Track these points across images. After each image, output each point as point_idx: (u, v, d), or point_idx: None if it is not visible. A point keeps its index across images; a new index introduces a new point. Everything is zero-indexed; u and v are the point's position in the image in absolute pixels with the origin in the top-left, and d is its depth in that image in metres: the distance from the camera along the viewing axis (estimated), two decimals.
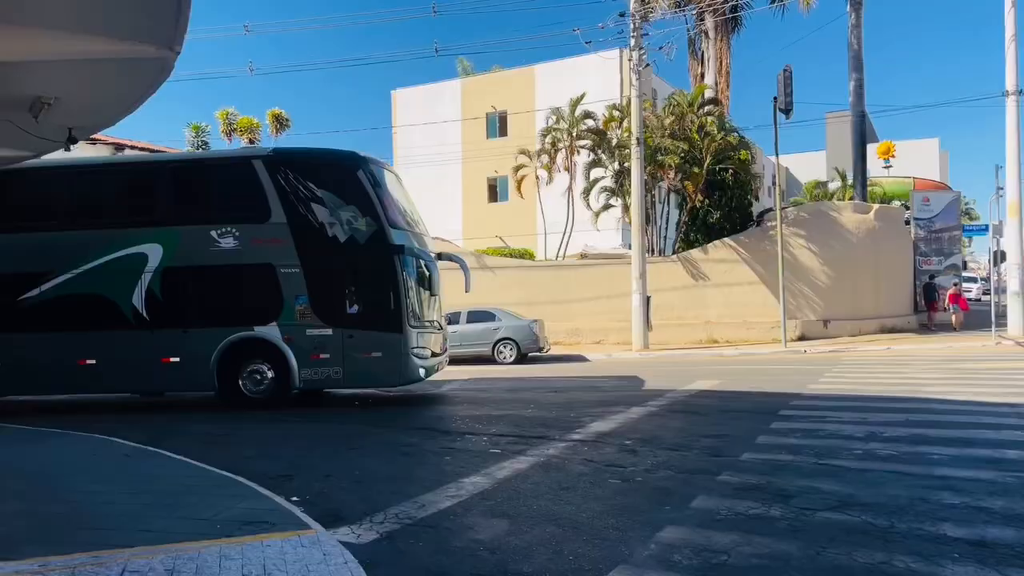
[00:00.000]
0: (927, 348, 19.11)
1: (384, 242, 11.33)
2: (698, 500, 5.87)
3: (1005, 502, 5.54)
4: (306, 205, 11.55)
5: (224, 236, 11.60)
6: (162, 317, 11.72)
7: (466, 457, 7.85)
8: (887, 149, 33.38)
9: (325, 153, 12.71)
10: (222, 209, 11.87)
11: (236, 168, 12.19)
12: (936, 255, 25.91)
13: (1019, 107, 20.91)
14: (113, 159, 16.57)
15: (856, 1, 25.89)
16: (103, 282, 11.79)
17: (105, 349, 11.70)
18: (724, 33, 28.01)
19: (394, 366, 11.34)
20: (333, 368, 11.39)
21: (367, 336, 11.32)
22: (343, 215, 11.45)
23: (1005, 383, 12.18)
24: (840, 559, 4.51)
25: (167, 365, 11.64)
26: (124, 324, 11.72)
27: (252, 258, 11.54)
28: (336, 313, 11.40)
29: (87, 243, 11.89)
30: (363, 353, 11.30)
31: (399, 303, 11.27)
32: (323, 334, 11.38)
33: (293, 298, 11.47)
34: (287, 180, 11.59)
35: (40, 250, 12.00)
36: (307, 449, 8.70)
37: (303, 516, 5.51)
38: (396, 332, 11.27)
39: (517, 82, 35.39)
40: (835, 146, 45.76)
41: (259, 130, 34.37)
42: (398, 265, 11.27)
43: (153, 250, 11.73)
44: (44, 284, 11.91)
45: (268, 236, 11.54)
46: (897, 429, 8.45)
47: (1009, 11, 20.75)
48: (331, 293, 11.47)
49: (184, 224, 11.83)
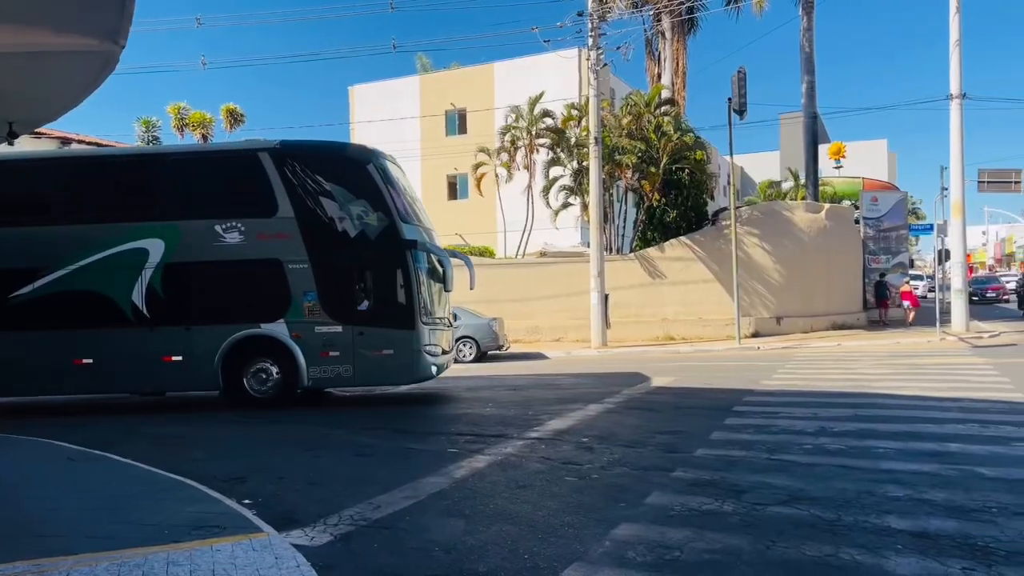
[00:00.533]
0: (876, 344, 19.63)
1: (396, 237, 11.11)
2: (653, 496, 5.93)
3: (947, 494, 5.72)
4: (314, 199, 11.26)
5: (229, 231, 11.27)
6: (163, 314, 11.34)
7: (424, 457, 7.81)
8: (838, 150, 34.12)
9: (334, 146, 12.47)
10: (226, 203, 11.51)
11: (241, 161, 11.79)
12: (884, 253, 26.64)
13: (962, 110, 21.60)
14: (113, 151, 15.84)
15: (808, 5, 26.45)
16: (101, 278, 11.38)
17: (103, 348, 11.29)
18: (680, 34, 28.35)
19: (406, 363, 11.12)
20: (343, 366, 11.12)
21: (378, 333, 11.09)
22: (353, 209, 11.19)
23: (948, 378, 12.58)
24: (789, 553, 4.60)
25: (169, 364, 11.28)
26: (123, 322, 11.33)
27: (258, 253, 11.23)
28: (346, 310, 11.16)
29: (84, 238, 11.44)
30: (374, 350, 11.07)
31: (411, 299, 11.06)
32: (333, 331, 11.11)
33: (301, 294, 11.19)
34: (294, 173, 11.30)
35: (33, 245, 11.50)
36: (262, 451, 8.55)
37: (255, 519, 5.41)
38: (408, 329, 11.04)
39: (476, 80, 35.33)
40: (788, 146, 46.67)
41: (212, 125, 33.70)
42: (410, 260, 11.06)
43: (154, 245, 11.36)
44: (37, 281, 11.44)
45: (275, 231, 11.24)
46: (846, 424, 8.67)
47: (954, 17, 21.40)
48: (341, 289, 11.26)
49: (187, 218, 11.44)
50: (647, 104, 24.61)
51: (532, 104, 26.63)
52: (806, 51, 26.63)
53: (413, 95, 37.04)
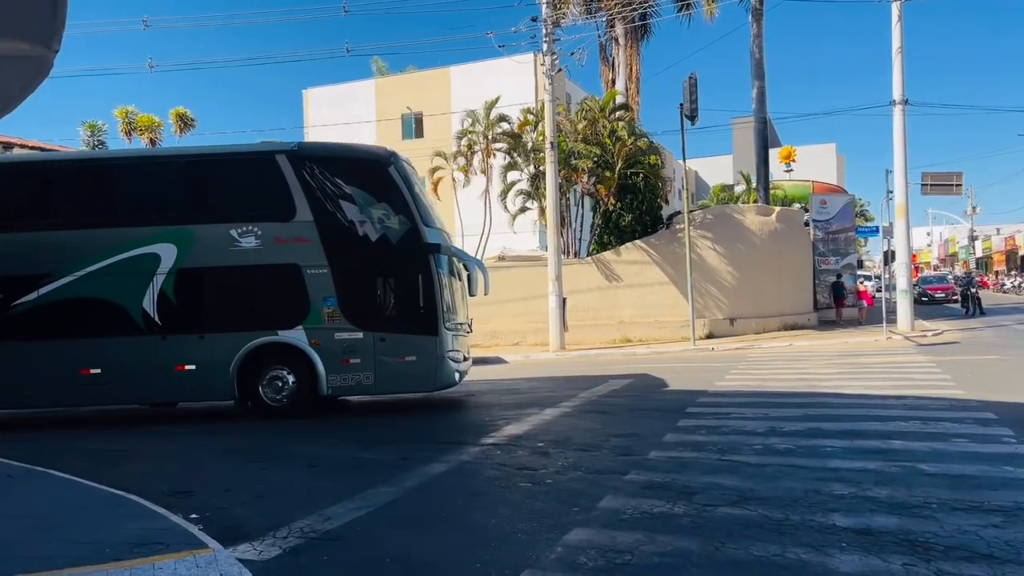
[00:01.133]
0: (825, 344, 20.08)
1: (418, 241, 10.87)
2: (606, 500, 5.96)
3: (890, 491, 5.86)
4: (334, 202, 10.94)
5: (245, 235, 10.89)
6: (176, 322, 10.93)
7: (376, 466, 7.72)
8: (788, 154, 34.92)
9: (354, 148, 12.18)
10: (242, 206, 11.15)
11: (258, 163, 11.43)
12: (833, 255, 27.29)
13: (905, 116, 22.27)
14: (123, 153, 15.17)
15: (757, 12, 26.97)
16: (110, 285, 10.90)
17: (111, 357, 10.82)
18: (634, 40, 28.67)
19: (429, 370, 10.84)
20: (364, 373, 10.80)
21: (400, 339, 10.79)
22: (374, 212, 10.88)
23: (893, 376, 12.92)
24: (738, 554, 4.66)
25: (181, 373, 10.85)
26: (133, 330, 10.87)
27: (275, 258, 10.88)
28: (367, 315, 10.88)
29: (91, 243, 10.98)
30: (396, 357, 10.77)
31: (434, 304, 10.80)
32: (353, 338, 10.79)
33: (320, 300, 10.85)
34: (313, 176, 10.96)
35: (37, 251, 10.99)
36: (209, 463, 8.37)
37: (200, 534, 5.28)
38: (431, 335, 10.77)
39: (432, 83, 35.24)
40: (741, 150, 47.58)
41: (161, 129, 32.95)
42: (433, 265, 10.83)
43: (166, 250, 10.93)
44: (42, 288, 10.91)
45: (293, 235, 10.91)
46: (795, 424, 8.83)
47: (895, 25, 22.06)
48: (362, 294, 10.99)
49: (201, 223, 11.04)
50: (602, 109, 24.82)
51: (488, 109, 26.64)
52: (756, 57, 27.16)
53: (369, 99, 36.78)
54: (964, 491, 5.77)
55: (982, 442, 7.50)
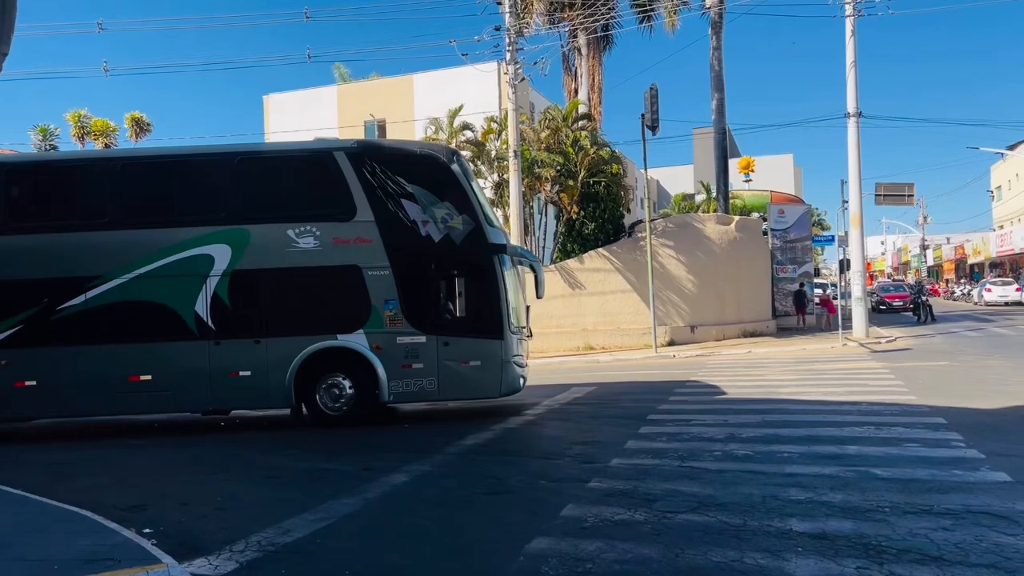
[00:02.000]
0: (783, 351, 20.44)
1: (483, 241, 10.58)
2: (568, 508, 5.98)
3: (844, 495, 5.99)
4: (395, 201, 10.58)
5: (303, 235, 10.50)
6: (230, 326, 10.51)
7: (337, 477, 7.63)
8: (747, 164, 35.47)
9: (416, 145, 11.78)
10: (300, 206, 10.78)
11: (316, 161, 11.06)
12: (791, 263, 27.85)
13: (859, 128, 22.86)
14: (175, 150, 14.37)
15: (716, 25, 27.45)
16: (161, 287, 10.51)
17: (163, 363, 10.44)
18: (596, 50, 28.96)
19: (494, 375, 10.54)
20: (427, 379, 10.45)
21: (465, 343, 10.48)
22: (437, 212, 10.55)
23: (848, 382, 13.21)
24: (697, 560, 4.71)
25: (236, 380, 10.45)
26: (185, 334, 10.47)
27: (335, 259, 10.50)
28: (430, 319, 10.53)
29: (142, 244, 10.59)
30: (460, 362, 10.46)
31: (499, 307, 10.50)
32: (416, 342, 10.45)
33: (382, 303, 10.46)
34: (373, 174, 10.60)
35: (86, 252, 10.59)
36: (166, 476, 8.17)
37: (154, 550, 5.15)
38: (497, 338, 10.49)
39: (395, 91, 35.09)
40: (701, 160, 48.32)
41: (116, 134, 32.27)
42: (498, 266, 10.56)
43: (220, 251, 10.53)
44: (90, 291, 10.49)
45: (353, 235, 10.53)
46: (754, 430, 8.97)
47: (849, 40, 22.65)
48: (425, 297, 10.61)
49: (256, 223, 10.64)
50: (565, 119, 24.99)
51: (452, 117, 26.62)
52: (716, 69, 27.62)
53: (331, 105, 36.47)
54: (915, 495, 5.92)
55: (933, 447, 7.70)
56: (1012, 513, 5.37)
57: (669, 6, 27.84)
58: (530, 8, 25.90)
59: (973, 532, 4.99)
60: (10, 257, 10.62)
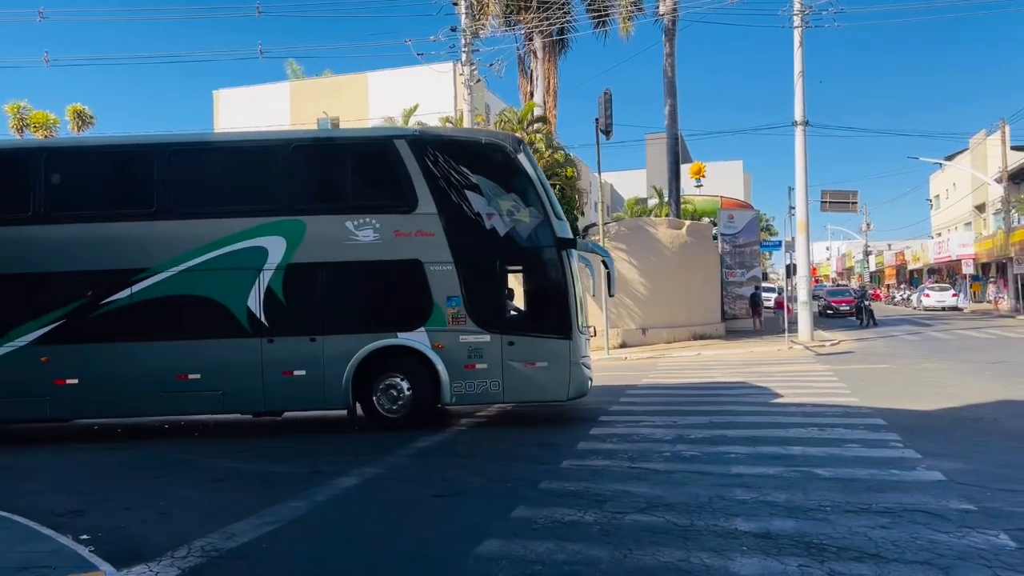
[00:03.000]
0: (732, 353, 20.84)
1: (551, 235, 10.06)
2: (519, 510, 5.99)
3: (788, 495, 6.13)
4: (459, 193, 10.02)
5: (362, 227, 9.96)
6: (284, 323, 9.97)
7: (285, 480, 7.51)
8: (699, 169, 36.12)
9: (481, 134, 11.26)
10: (358, 196, 10.30)
11: (376, 150, 10.60)
12: (740, 267, 28.44)
13: (806, 136, 23.47)
14: (225, 136, 13.36)
15: (670, 32, 27.87)
16: (211, 281, 9.95)
17: (212, 361, 9.91)
18: (552, 54, 29.09)
19: (562, 377, 9.97)
20: (491, 380, 9.89)
21: (531, 343, 9.95)
22: (502, 204, 10.04)
23: (793, 384, 13.53)
24: (645, 560, 4.77)
25: (290, 379, 9.90)
26: (236, 331, 9.92)
27: (395, 253, 9.98)
28: (495, 316, 10.03)
29: (192, 235, 10.02)
30: (525, 363, 9.90)
31: (568, 305, 9.95)
32: (480, 341, 9.90)
33: (444, 299, 9.93)
34: (436, 164, 10.06)
35: (132, 244, 10.01)
36: (107, 480, 7.92)
37: (91, 556, 4.99)
38: (565, 338, 9.95)
39: (350, 89, 34.72)
40: (654, 165, 48.89)
41: (57, 126, 31.16)
42: (567, 261, 10.05)
43: (274, 244, 9.97)
44: (136, 284, 9.92)
45: (415, 228, 9.98)
46: (702, 431, 9.13)
47: (797, 50, 23.25)
48: (489, 293, 10.10)
49: (312, 214, 10.10)
50: (520, 121, 25.03)
51: (406, 117, 26.41)
52: (669, 75, 28.03)
53: (283, 102, 35.89)
54: (855, 494, 6.10)
55: (872, 447, 7.95)
56: (945, 511, 5.57)
57: (624, 12, 28.11)
58: (486, 10, 25.89)
59: (909, 530, 5.16)
60: (51, 248, 10.05)
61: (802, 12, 22.97)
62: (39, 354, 9.91)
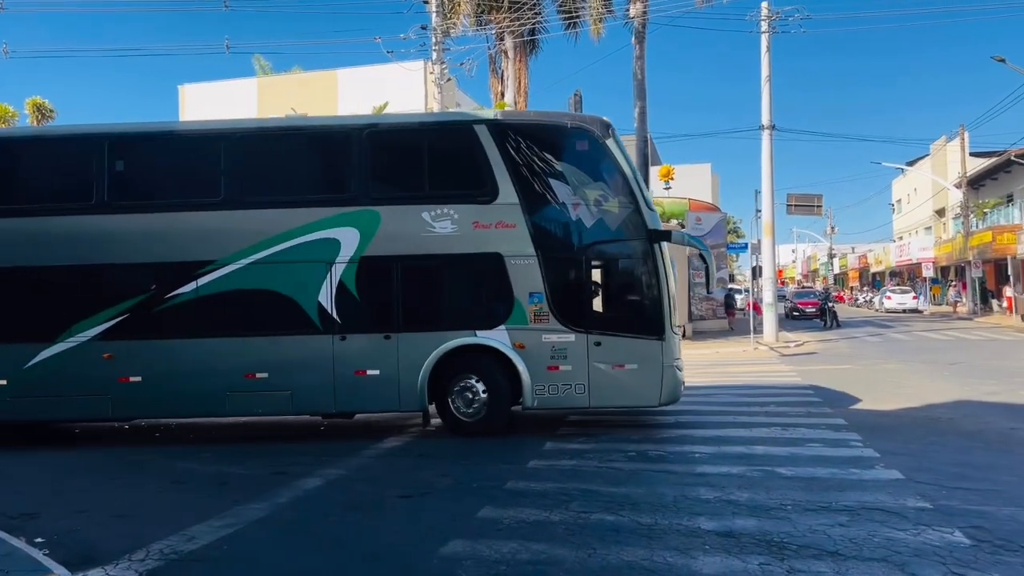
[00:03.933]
0: (698, 354, 21.02)
1: (642, 227, 9.37)
2: (484, 510, 5.98)
3: (750, 494, 6.21)
4: (543, 181, 9.43)
5: (439, 219, 9.38)
6: (357, 319, 9.43)
7: (246, 482, 7.39)
8: (667, 172, 36.33)
9: (566, 117, 10.71)
10: (435, 185, 9.70)
11: (453, 135, 10.05)
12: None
13: (772, 140, 23.84)
14: (295, 121, 12.55)
15: (640, 34, 28.03)
16: (280, 275, 9.43)
17: (281, 359, 9.39)
18: (523, 54, 29.12)
19: (654, 381, 9.23)
20: (576, 383, 9.22)
21: (619, 343, 9.29)
22: (589, 194, 9.40)
23: (758, 384, 13.72)
24: (609, 559, 4.79)
25: (363, 379, 9.35)
26: (307, 327, 9.37)
27: (474, 246, 9.38)
28: (580, 314, 9.35)
29: (260, 227, 9.51)
30: (614, 365, 9.22)
31: (661, 303, 9.31)
32: (564, 340, 9.25)
33: (526, 296, 9.29)
34: (518, 151, 9.46)
35: (198, 235, 9.55)
36: (67, 482, 7.72)
37: (45, 560, 4.87)
38: (657, 338, 9.27)
39: (319, 86, 34.37)
40: None
41: (15, 119, 30.38)
42: (660, 255, 9.38)
43: (347, 235, 9.43)
44: (201, 277, 9.41)
45: (495, 219, 9.37)
46: (667, 431, 9.22)
47: (764, 56, 23.60)
48: (574, 290, 9.49)
49: (387, 204, 9.58)
50: None
51: (376, 114, 26.31)
52: (638, 78, 28.19)
53: (250, 98, 35.43)
54: (816, 493, 6.19)
55: (833, 447, 8.09)
56: (903, 509, 5.68)
57: (594, 13, 28.22)
58: (457, 9, 25.84)
59: (867, 528, 5.25)
60: (114, 238, 9.60)
61: (769, 18, 23.32)
62: (101, 350, 9.44)
